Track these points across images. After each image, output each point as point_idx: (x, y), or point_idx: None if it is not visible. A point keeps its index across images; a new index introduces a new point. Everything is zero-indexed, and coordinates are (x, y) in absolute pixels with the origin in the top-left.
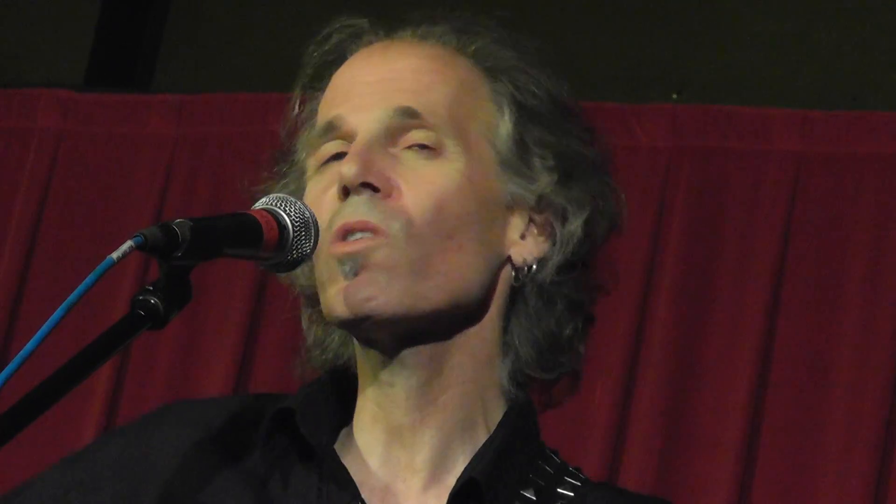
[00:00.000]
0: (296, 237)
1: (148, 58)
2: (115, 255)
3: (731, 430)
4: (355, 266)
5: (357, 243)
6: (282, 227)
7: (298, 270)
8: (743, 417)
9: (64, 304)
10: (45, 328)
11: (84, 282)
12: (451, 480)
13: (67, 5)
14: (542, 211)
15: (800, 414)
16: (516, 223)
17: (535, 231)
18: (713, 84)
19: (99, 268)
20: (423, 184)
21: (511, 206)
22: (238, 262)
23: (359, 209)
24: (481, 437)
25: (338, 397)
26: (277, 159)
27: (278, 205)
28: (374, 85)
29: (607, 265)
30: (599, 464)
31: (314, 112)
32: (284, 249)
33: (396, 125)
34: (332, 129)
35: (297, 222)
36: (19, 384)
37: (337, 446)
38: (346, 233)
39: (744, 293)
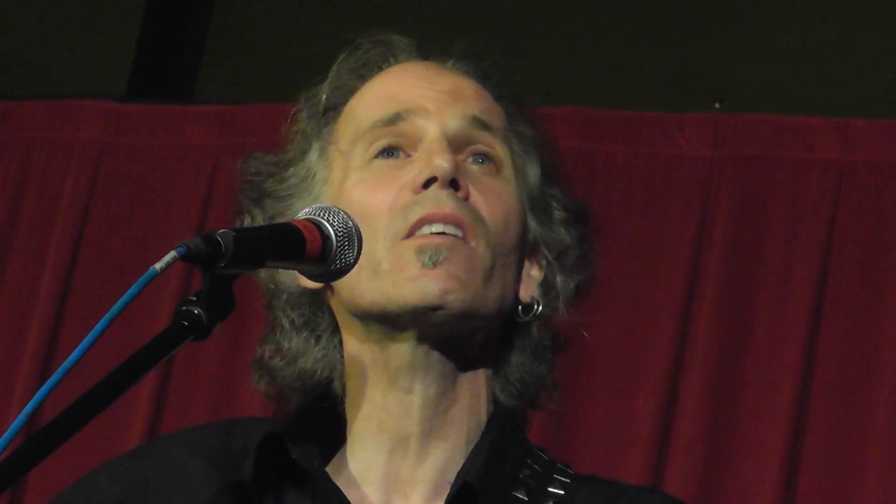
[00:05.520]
0: (339, 247)
1: (190, 68)
2: (158, 265)
3: (775, 436)
4: (436, 257)
5: (443, 238)
6: (325, 237)
7: (283, 276)
8: (787, 423)
9: (107, 315)
10: (88, 339)
11: (127, 292)
12: (447, 489)
13: (109, 17)
14: (556, 258)
15: (844, 419)
16: (530, 259)
17: (536, 273)
18: (755, 93)
19: (142, 278)
20: (492, 195)
21: (528, 245)
22: None
23: (446, 202)
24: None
25: (326, 419)
26: (276, 163)
27: (321, 215)
28: (443, 93)
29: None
30: (643, 471)
31: (337, 114)
32: (328, 260)
33: (467, 133)
34: (393, 122)
35: (340, 232)
36: (63, 395)
37: (329, 468)
38: (427, 222)
39: (786, 301)
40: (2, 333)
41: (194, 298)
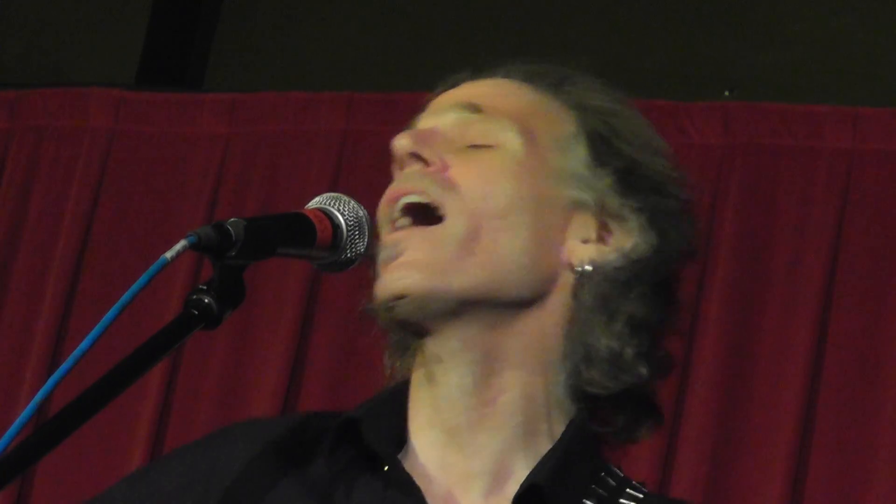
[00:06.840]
0: (349, 236)
1: (200, 56)
2: (168, 254)
3: (783, 431)
4: (394, 251)
5: (401, 232)
6: (335, 226)
7: None
8: (795, 418)
9: (117, 304)
10: (98, 328)
11: (137, 281)
12: (511, 488)
13: (119, 5)
14: (602, 216)
15: (852, 414)
16: (578, 227)
17: (598, 237)
18: (765, 81)
19: (152, 267)
20: (474, 163)
21: (572, 210)
22: (291, 263)
23: (410, 178)
24: (544, 446)
25: (400, 407)
26: None
27: (332, 204)
28: (451, 97)
29: (682, 302)
30: (651, 465)
31: None
32: (338, 249)
33: (458, 119)
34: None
35: (350, 221)
36: (73, 384)
37: (401, 454)
38: (388, 202)
39: (796, 290)
40: (11, 322)
41: (204, 287)
